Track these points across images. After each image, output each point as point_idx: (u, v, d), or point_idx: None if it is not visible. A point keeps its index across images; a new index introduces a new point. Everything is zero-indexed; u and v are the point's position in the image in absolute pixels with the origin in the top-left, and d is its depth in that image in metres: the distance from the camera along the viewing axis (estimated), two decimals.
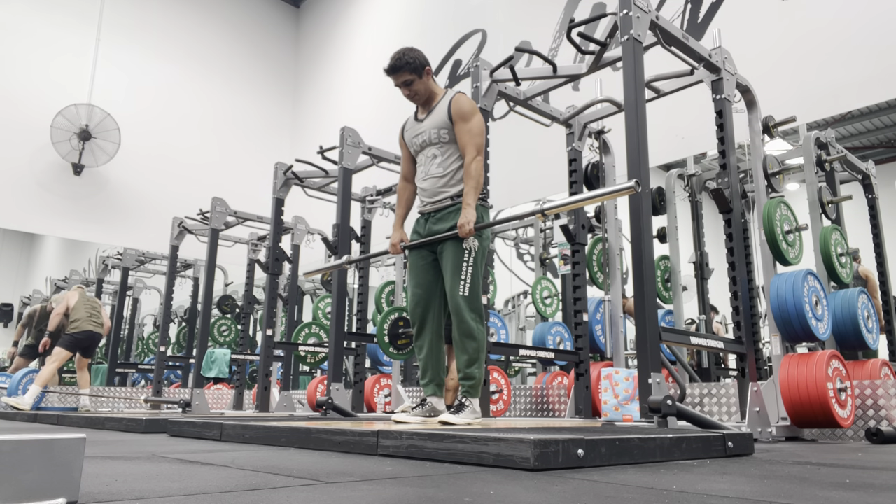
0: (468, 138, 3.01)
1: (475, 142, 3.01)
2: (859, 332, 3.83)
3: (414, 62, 3.05)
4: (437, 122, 3.09)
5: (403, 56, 3.05)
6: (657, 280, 5.20)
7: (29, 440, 1.02)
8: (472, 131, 3.01)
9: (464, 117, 3.02)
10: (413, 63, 3.05)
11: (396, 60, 3.05)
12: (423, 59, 3.09)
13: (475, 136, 3.01)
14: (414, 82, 3.08)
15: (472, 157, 2.98)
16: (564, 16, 7.11)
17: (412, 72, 3.05)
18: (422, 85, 3.10)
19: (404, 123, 3.30)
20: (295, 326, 6.92)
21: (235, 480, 1.51)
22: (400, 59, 3.05)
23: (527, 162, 6.91)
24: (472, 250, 3.00)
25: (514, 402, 5.22)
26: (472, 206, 2.92)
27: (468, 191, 2.94)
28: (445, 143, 3.08)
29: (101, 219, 9.58)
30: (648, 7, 3.18)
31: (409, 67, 3.04)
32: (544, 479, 1.54)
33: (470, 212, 2.91)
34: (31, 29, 9.46)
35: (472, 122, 3.02)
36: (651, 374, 2.71)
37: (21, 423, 5.30)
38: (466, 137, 3.01)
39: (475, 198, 2.95)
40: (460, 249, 2.99)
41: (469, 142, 3.00)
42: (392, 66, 3.06)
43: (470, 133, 3.01)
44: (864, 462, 2.12)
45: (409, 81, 3.07)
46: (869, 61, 4.85)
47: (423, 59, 3.10)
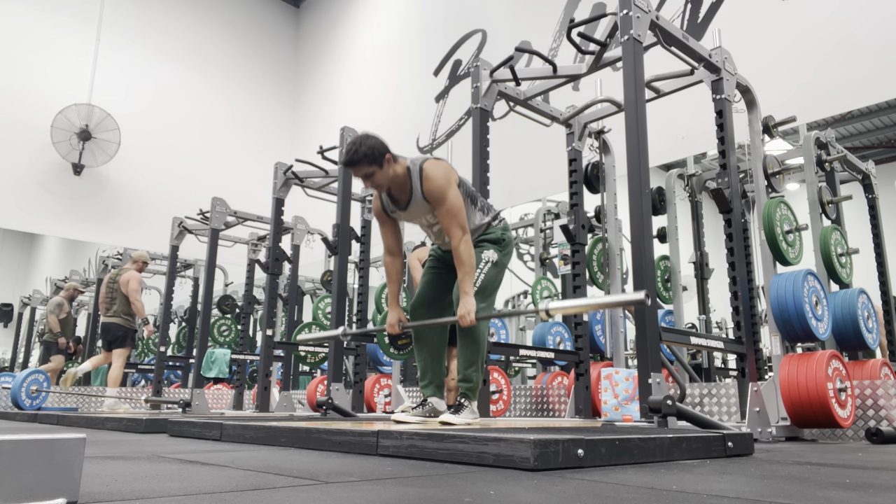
0: (448, 221, 2.83)
1: (456, 221, 2.82)
2: (859, 332, 3.83)
3: (371, 153, 2.77)
4: (423, 209, 2.93)
5: (360, 149, 2.77)
6: (657, 280, 5.20)
7: (29, 440, 1.02)
8: (451, 211, 2.82)
9: (438, 200, 2.83)
10: (371, 154, 2.77)
11: (352, 154, 2.78)
12: (381, 148, 2.79)
13: (454, 215, 2.82)
14: (374, 174, 2.81)
15: (459, 239, 2.80)
16: (564, 16, 7.11)
17: (371, 163, 2.78)
18: (383, 176, 2.83)
19: (379, 200, 3.05)
20: (295, 326, 6.92)
21: (235, 480, 1.51)
22: (356, 152, 2.77)
23: (527, 162, 6.91)
24: (490, 260, 2.98)
25: (514, 402, 5.22)
26: (469, 294, 2.77)
27: (462, 277, 2.79)
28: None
29: (101, 219, 9.58)
30: (648, 7, 3.18)
31: (367, 160, 2.78)
32: (544, 479, 1.54)
33: (469, 301, 2.76)
34: (31, 29, 9.46)
35: (447, 203, 2.82)
36: (651, 374, 2.71)
37: (21, 423, 5.30)
38: (447, 220, 2.83)
39: (471, 284, 2.80)
40: (479, 258, 2.97)
41: (450, 224, 2.82)
42: (348, 160, 2.79)
43: (449, 214, 2.82)
44: (864, 462, 2.12)
45: (370, 174, 2.80)
46: (869, 61, 4.85)
47: (381, 147, 2.80)
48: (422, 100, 8.81)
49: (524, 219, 7.53)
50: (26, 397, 6.61)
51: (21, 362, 9.97)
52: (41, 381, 6.80)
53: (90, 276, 9.93)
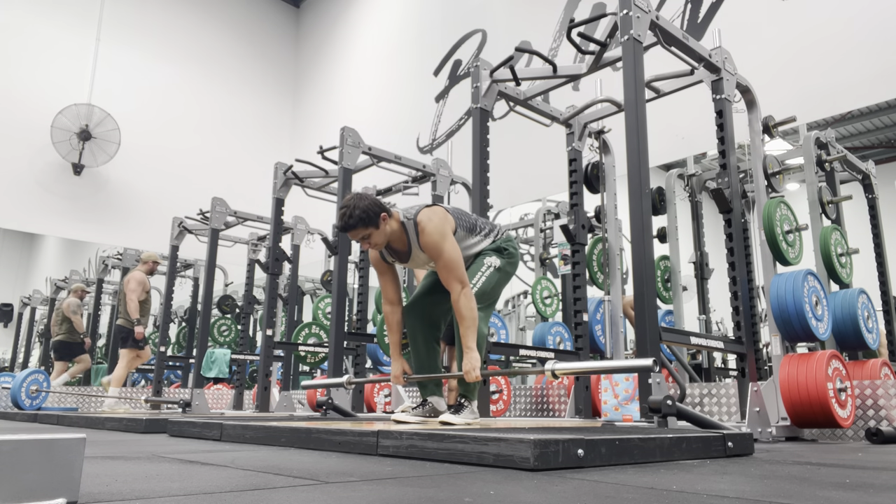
0: (446, 274, 2.78)
1: (455, 275, 2.76)
2: (859, 332, 3.83)
3: (366, 216, 2.71)
4: (423, 259, 2.91)
5: (353, 212, 2.70)
6: (657, 280, 5.20)
7: (29, 440, 1.02)
8: (448, 266, 2.76)
9: (434, 255, 2.79)
10: (366, 217, 2.71)
11: (347, 219, 2.70)
12: (374, 209, 2.73)
13: (452, 269, 2.76)
14: (371, 235, 2.76)
15: (458, 293, 2.74)
16: (564, 16, 7.11)
17: (367, 226, 2.72)
18: (380, 235, 2.78)
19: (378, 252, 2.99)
20: (295, 326, 6.92)
21: (235, 480, 1.51)
22: (350, 216, 2.70)
23: (527, 162, 6.91)
24: (493, 265, 2.98)
25: (514, 402, 5.22)
26: (473, 349, 2.72)
27: (465, 333, 2.72)
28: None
29: (101, 219, 9.58)
30: (648, 7, 3.18)
31: (363, 223, 2.72)
32: (544, 479, 1.54)
33: (474, 357, 2.71)
34: (31, 29, 9.46)
35: (444, 258, 2.77)
36: (651, 374, 2.71)
37: (21, 423, 5.30)
38: (444, 274, 2.78)
39: (474, 339, 2.74)
40: (480, 262, 2.97)
41: (448, 277, 2.77)
42: (343, 225, 2.72)
43: (447, 268, 2.77)
44: (864, 462, 2.12)
45: (367, 236, 2.75)
46: (869, 61, 4.85)
47: (375, 207, 2.73)
48: (422, 100, 8.81)
49: (524, 219, 7.53)
50: (26, 397, 6.61)
51: (21, 362, 9.97)
52: (41, 381, 6.79)
53: (90, 276, 9.93)
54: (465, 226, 3.01)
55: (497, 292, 3.08)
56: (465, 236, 3.00)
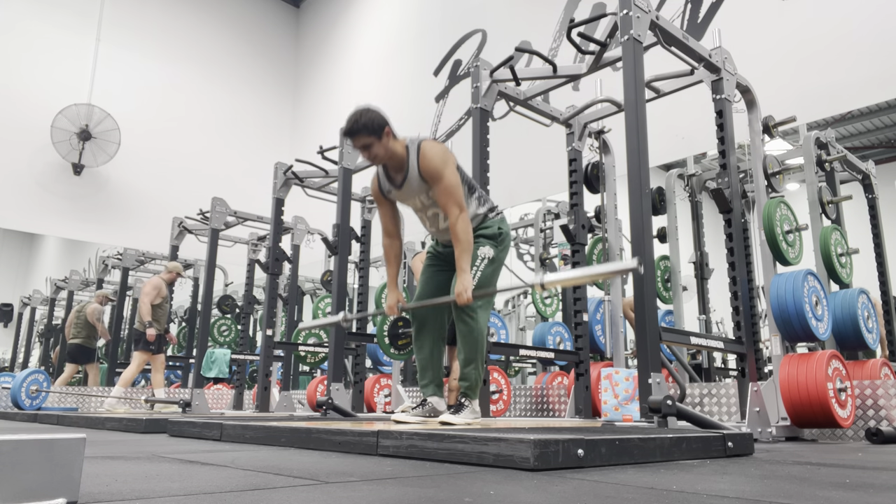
0: (445, 199, 2.86)
1: (453, 200, 2.85)
2: (859, 332, 3.83)
3: (371, 124, 2.84)
4: (420, 188, 2.95)
5: (360, 118, 2.85)
6: (657, 280, 5.20)
7: (29, 440, 1.02)
8: (448, 190, 2.85)
9: (435, 178, 2.87)
10: (371, 125, 2.84)
11: (353, 123, 2.85)
12: (380, 120, 2.87)
13: (451, 193, 2.85)
14: (373, 145, 2.87)
15: (456, 216, 2.83)
16: (564, 16, 7.11)
17: (370, 134, 2.85)
18: (381, 148, 2.89)
19: (377, 180, 3.10)
20: (295, 326, 6.92)
21: (235, 480, 1.51)
22: (356, 121, 2.85)
23: (527, 162, 6.91)
24: (486, 257, 2.97)
25: (514, 402, 5.22)
26: (466, 272, 2.81)
27: (460, 254, 2.81)
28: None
29: (101, 219, 9.58)
30: (648, 7, 3.18)
31: (367, 130, 2.84)
32: (544, 479, 1.54)
33: (466, 278, 2.79)
34: (31, 29, 9.47)
35: (444, 180, 2.85)
36: (651, 374, 2.71)
37: (21, 423, 5.30)
38: (444, 198, 2.86)
39: (468, 261, 2.83)
40: (474, 255, 2.96)
41: (447, 202, 2.85)
42: (348, 129, 2.86)
43: (446, 192, 2.85)
44: (864, 462, 2.12)
45: (368, 144, 2.86)
46: (869, 61, 4.85)
47: (381, 119, 2.87)
48: (422, 100, 8.81)
49: (524, 219, 7.53)
50: (26, 397, 6.62)
51: (21, 362, 9.97)
52: (41, 381, 6.80)
53: (90, 276, 9.93)
54: (465, 179, 3.02)
55: (493, 282, 3.08)
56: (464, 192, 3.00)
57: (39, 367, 8.66)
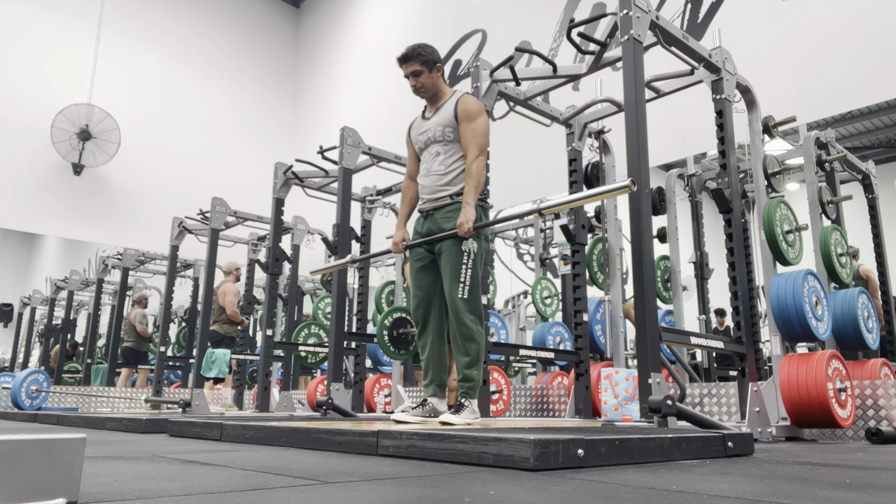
0: (471, 137, 3.01)
1: (478, 142, 3.01)
2: (859, 332, 3.83)
3: (426, 55, 3.09)
4: (443, 121, 3.10)
5: (418, 47, 3.10)
6: (657, 280, 5.20)
7: (29, 440, 1.02)
8: (476, 131, 3.02)
9: (469, 117, 3.03)
10: (425, 55, 3.09)
11: (410, 50, 3.10)
12: (436, 56, 3.13)
13: (478, 136, 3.02)
14: (422, 74, 3.10)
15: (474, 156, 2.99)
16: (564, 16, 7.11)
17: (423, 64, 3.09)
18: (429, 79, 3.13)
19: (412, 122, 3.33)
20: (295, 326, 6.92)
21: (235, 480, 1.51)
22: (414, 49, 3.10)
23: (527, 162, 6.91)
24: (472, 252, 2.98)
25: (514, 402, 5.22)
26: (471, 206, 2.92)
27: (468, 189, 2.94)
28: (450, 141, 3.09)
29: (101, 219, 9.58)
30: (648, 7, 3.17)
31: (421, 59, 3.09)
32: (544, 479, 1.54)
33: (469, 210, 2.90)
34: (30, 29, 9.46)
35: (476, 123, 3.03)
36: (651, 374, 2.71)
37: (21, 423, 5.30)
38: (470, 137, 3.02)
39: (475, 197, 2.95)
40: (459, 252, 2.96)
41: (472, 141, 3.01)
42: (405, 54, 3.10)
43: (474, 133, 3.02)
44: (864, 462, 2.12)
45: (418, 72, 3.10)
46: (869, 61, 4.85)
47: (437, 56, 3.14)
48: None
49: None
50: (26, 397, 6.61)
51: (21, 362, 9.97)
52: (41, 381, 6.79)
53: (90, 276, 9.93)
54: None
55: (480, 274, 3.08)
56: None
57: (39, 367, 8.66)
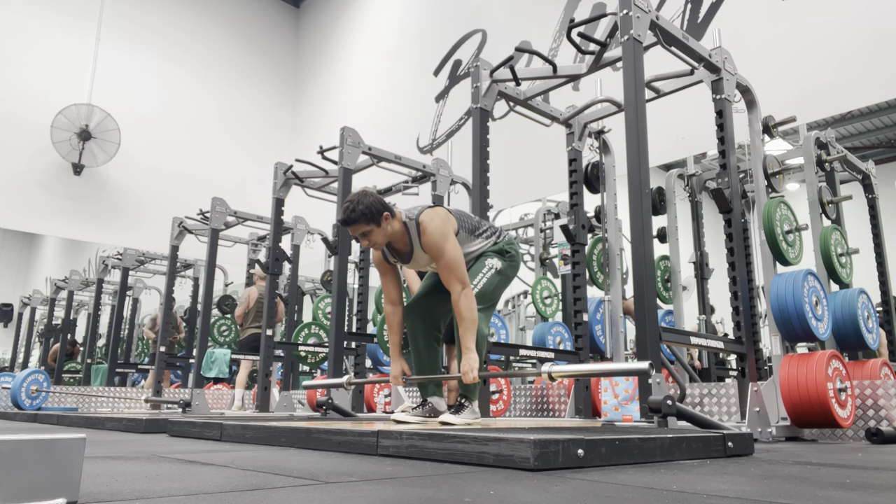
0: (447, 274, 2.80)
1: (455, 276, 2.78)
2: (859, 332, 3.83)
3: (369, 212, 2.76)
4: (426, 260, 2.93)
5: (357, 207, 2.75)
6: (657, 280, 5.20)
7: (29, 440, 1.02)
8: (449, 266, 2.79)
9: (436, 255, 2.82)
10: (368, 213, 2.76)
11: (350, 213, 2.76)
12: (378, 207, 2.78)
13: (454, 269, 2.78)
14: (372, 232, 2.80)
15: (458, 293, 2.77)
16: (564, 16, 7.11)
17: (368, 222, 2.77)
18: (380, 234, 2.82)
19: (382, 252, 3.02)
20: (295, 326, 6.92)
21: (235, 480, 1.51)
22: (353, 210, 2.75)
23: (527, 162, 6.91)
24: (493, 267, 2.99)
25: (514, 402, 5.22)
26: (472, 350, 2.74)
27: (464, 334, 2.75)
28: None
29: (101, 219, 9.58)
30: (648, 7, 3.17)
31: (365, 219, 2.76)
32: (544, 479, 1.54)
33: (472, 357, 2.73)
34: (31, 29, 9.46)
35: (445, 258, 2.79)
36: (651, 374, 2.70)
37: (21, 423, 5.30)
38: (445, 274, 2.81)
39: (473, 340, 2.76)
40: (482, 264, 2.98)
41: (449, 278, 2.79)
42: (345, 219, 2.77)
43: (448, 269, 2.79)
44: (865, 462, 2.12)
45: (367, 232, 2.79)
46: (869, 61, 4.85)
47: (378, 205, 2.78)
48: (422, 100, 8.80)
49: (524, 219, 7.52)
50: (26, 397, 6.61)
51: (21, 362, 9.97)
52: (41, 381, 6.80)
53: (90, 276, 9.93)
54: (467, 227, 3.02)
55: (497, 294, 3.09)
56: (467, 238, 3.01)
57: (39, 367, 8.65)
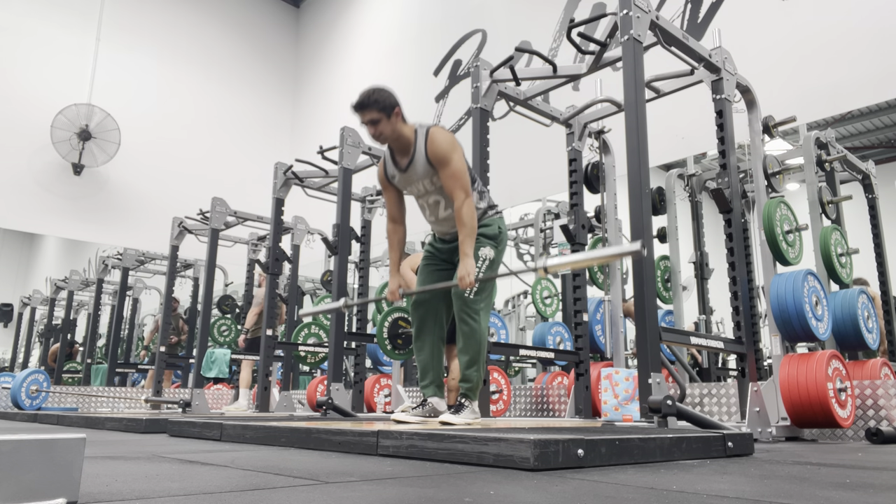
0: (451, 183, 2.87)
1: (460, 184, 2.86)
2: (859, 332, 3.83)
3: (383, 101, 2.88)
4: (424, 172, 2.96)
5: (372, 94, 2.89)
6: (657, 280, 5.20)
7: (29, 440, 1.02)
8: (455, 175, 2.86)
9: (442, 161, 2.88)
10: (381, 102, 2.88)
11: (365, 98, 2.89)
12: (392, 100, 2.92)
13: (458, 178, 2.87)
14: (380, 122, 2.89)
15: (461, 201, 2.85)
16: (564, 16, 7.11)
17: (380, 111, 2.88)
18: (388, 127, 2.91)
19: (383, 165, 3.12)
20: (295, 326, 6.92)
21: (235, 480, 1.51)
22: (368, 96, 2.89)
23: (527, 162, 6.91)
24: (486, 259, 2.99)
25: (514, 402, 5.22)
26: (470, 256, 2.82)
27: (463, 239, 2.84)
28: (441, 187, 2.97)
29: (101, 219, 9.58)
30: (648, 7, 3.18)
31: (378, 106, 2.88)
32: (544, 479, 1.54)
33: (469, 263, 2.81)
34: (31, 29, 9.46)
35: (451, 166, 2.87)
36: (651, 374, 2.71)
37: (21, 423, 5.30)
38: (450, 183, 2.88)
39: (472, 245, 2.85)
40: (476, 256, 2.97)
41: (453, 187, 2.87)
42: (360, 101, 2.89)
43: (453, 178, 2.87)
44: (864, 462, 2.12)
45: (376, 120, 2.89)
46: (869, 61, 4.85)
47: (394, 100, 2.92)
48: (422, 100, 8.80)
49: (524, 219, 7.52)
50: (26, 397, 6.62)
51: (21, 362, 9.97)
52: (41, 381, 6.80)
53: (90, 276, 9.93)
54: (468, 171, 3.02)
55: (493, 285, 3.10)
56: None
57: (39, 367, 8.66)
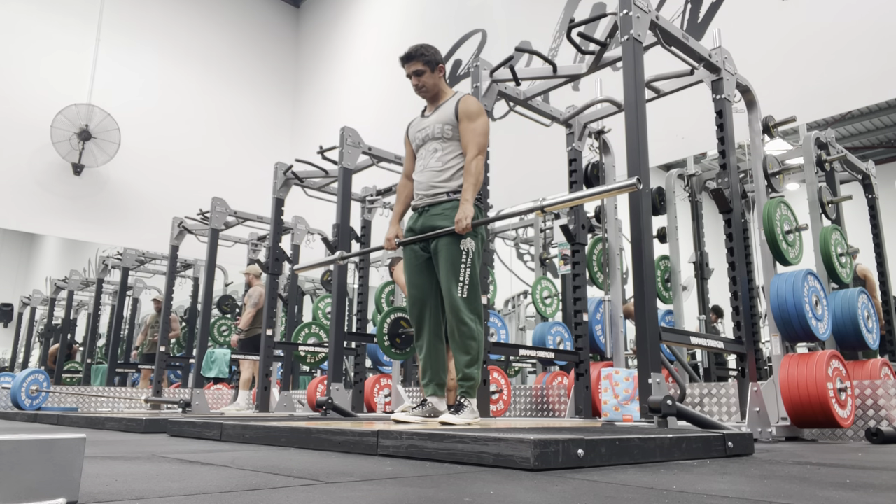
0: (471, 136, 3.04)
1: (478, 141, 3.03)
2: (859, 332, 3.83)
3: (428, 55, 3.14)
4: (443, 118, 3.12)
5: (421, 48, 3.15)
6: (657, 280, 5.19)
7: (29, 440, 1.02)
8: (477, 130, 3.05)
9: (469, 116, 3.06)
10: (427, 56, 3.13)
11: (413, 50, 3.14)
12: (438, 57, 3.17)
13: (478, 135, 3.04)
14: (424, 73, 3.14)
15: (474, 154, 3.01)
16: (564, 16, 7.11)
17: (425, 64, 3.13)
18: (431, 79, 3.16)
19: (412, 121, 3.33)
20: (295, 326, 6.92)
21: (235, 480, 1.51)
22: (417, 49, 3.15)
23: (527, 162, 6.91)
24: (469, 251, 2.97)
25: (514, 402, 5.22)
26: (469, 202, 2.93)
27: (467, 187, 2.96)
28: (448, 138, 3.10)
29: (101, 219, 9.58)
30: (648, 7, 3.17)
31: (423, 59, 3.13)
32: (544, 479, 1.54)
33: (468, 207, 2.91)
34: (31, 29, 9.46)
35: (477, 122, 3.06)
36: (651, 374, 2.71)
37: (21, 424, 5.30)
38: (469, 135, 3.04)
39: (473, 194, 2.96)
40: (457, 250, 2.95)
41: (472, 140, 3.03)
42: (408, 53, 3.14)
43: (474, 132, 3.04)
44: (864, 462, 2.12)
45: (420, 72, 3.13)
46: (869, 61, 4.85)
47: (439, 57, 3.19)
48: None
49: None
50: (26, 397, 6.62)
51: (21, 362, 9.97)
52: (41, 381, 6.80)
53: (90, 276, 9.93)
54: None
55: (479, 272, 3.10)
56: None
57: (39, 367, 8.66)
